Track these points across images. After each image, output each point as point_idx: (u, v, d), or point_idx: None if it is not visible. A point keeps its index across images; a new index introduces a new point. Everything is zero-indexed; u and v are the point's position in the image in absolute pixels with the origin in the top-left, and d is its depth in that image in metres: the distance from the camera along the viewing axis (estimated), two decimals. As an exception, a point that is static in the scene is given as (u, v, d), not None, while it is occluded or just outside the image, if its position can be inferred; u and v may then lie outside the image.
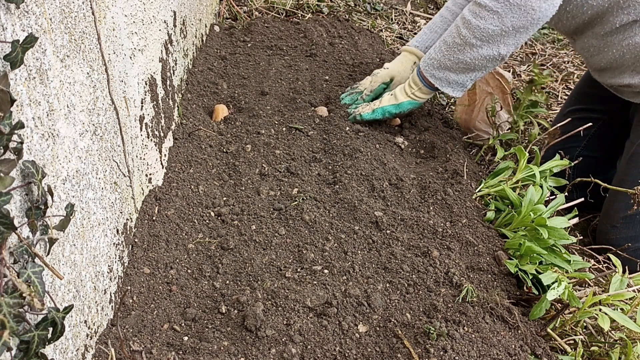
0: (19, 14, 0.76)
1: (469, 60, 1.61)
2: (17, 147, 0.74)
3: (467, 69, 1.63)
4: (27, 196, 0.80)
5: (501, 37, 1.54)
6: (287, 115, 1.91)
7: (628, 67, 1.60)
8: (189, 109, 1.84)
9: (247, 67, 2.19)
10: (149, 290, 1.27)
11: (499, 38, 1.55)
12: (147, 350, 1.12)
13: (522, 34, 1.53)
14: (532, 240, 1.40)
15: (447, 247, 1.42)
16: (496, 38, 1.55)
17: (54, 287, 0.90)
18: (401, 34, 2.76)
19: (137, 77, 1.35)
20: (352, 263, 1.37)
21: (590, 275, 1.33)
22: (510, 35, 1.54)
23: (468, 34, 1.58)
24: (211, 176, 1.64)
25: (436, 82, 1.70)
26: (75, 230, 0.99)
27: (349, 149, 1.73)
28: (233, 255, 1.39)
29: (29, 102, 0.80)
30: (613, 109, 1.78)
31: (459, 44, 1.61)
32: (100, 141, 1.10)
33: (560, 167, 1.64)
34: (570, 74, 2.68)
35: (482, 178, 1.72)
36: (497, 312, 1.26)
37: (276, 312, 1.22)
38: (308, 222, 1.47)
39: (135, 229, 1.37)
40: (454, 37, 1.62)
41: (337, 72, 2.22)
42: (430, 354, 1.14)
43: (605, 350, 1.26)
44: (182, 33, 1.86)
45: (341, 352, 1.16)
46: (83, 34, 1.00)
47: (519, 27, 1.52)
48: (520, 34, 1.53)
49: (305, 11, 2.71)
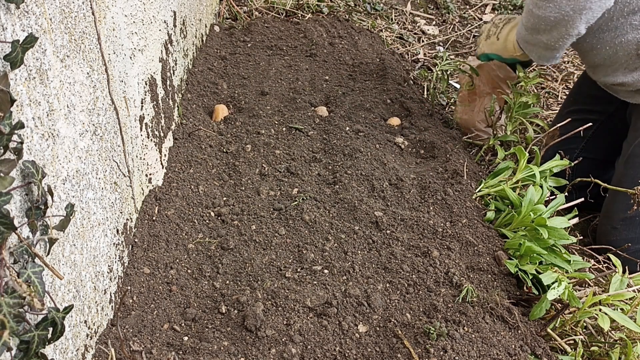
0: (19, 14, 0.76)
1: (545, 41, 1.63)
2: (17, 147, 0.74)
3: (548, 47, 1.65)
4: (27, 196, 0.80)
5: (566, 20, 1.55)
6: (287, 115, 1.91)
7: (621, 64, 1.59)
8: (189, 109, 1.84)
9: (247, 67, 2.19)
10: (149, 290, 1.27)
11: (564, 22, 1.55)
12: (147, 350, 1.12)
13: (588, 11, 1.52)
14: (532, 240, 1.40)
15: (447, 247, 1.42)
16: (562, 22, 1.55)
17: (54, 287, 0.90)
18: (401, 34, 2.76)
19: (137, 77, 1.35)
20: (352, 263, 1.37)
21: (590, 275, 1.33)
22: (575, 17, 1.53)
23: (536, 22, 1.61)
24: (211, 176, 1.64)
25: (530, 54, 1.73)
26: (75, 230, 0.98)
27: (349, 149, 1.73)
28: (233, 255, 1.39)
29: (29, 102, 0.80)
30: (610, 110, 1.78)
31: (532, 29, 1.64)
32: (100, 141, 1.10)
33: (560, 167, 1.64)
34: (570, 74, 2.68)
35: (482, 178, 1.72)
36: (497, 312, 1.26)
37: (276, 312, 1.22)
38: (308, 222, 1.47)
39: (135, 229, 1.37)
40: (527, 20, 1.65)
41: (337, 72, 2.22)
42: (430, 354, 1.14)
43: (605, 350, 1.26)
44: (182, 33, 1.86)
45: (341, 352, 1.16)
46: (83, 34, 1.00)
47: (579, 8, 1.51)
48: (585, 11, 1.52)
49: (305, 11, 2.71)
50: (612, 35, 1.56)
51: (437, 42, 2.79)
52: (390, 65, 2.24)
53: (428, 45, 2.76)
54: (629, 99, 1.67)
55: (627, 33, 1.53)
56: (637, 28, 1.52)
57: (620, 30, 1.55)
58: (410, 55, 2.63)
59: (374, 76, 2.20)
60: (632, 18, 1.52)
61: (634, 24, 1.52)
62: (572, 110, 1.93)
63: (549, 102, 2.48)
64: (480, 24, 2.97)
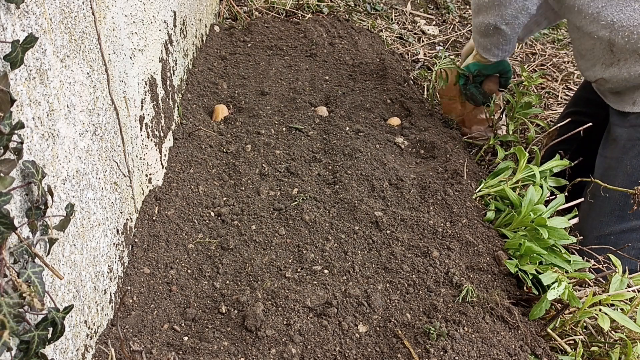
0: (19, 14, 0.76)
1: (476, 25, 1.75)
2: (17, 147, 0.74)
3: (479, 33, 1.77)
4: (27, 196, 0.80)
5: (484, 7, 1.67)
6: (287, 115, 1.91)
7: (598, 59, 1.59)
8: (189, 109, 1.84)
9: (247, 67, 2.19)
10: (149, 290, 1.27)
11: (482, 9, 1.68)
12: (147, 350, 1.12)
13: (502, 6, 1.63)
14: (532, 240, 1.40)
15: (447, 247, 1.42)
16: (481, 9, 1.68)
17: (54, 287, 0.90)
18: (401, 34, 2.76)
19: (137, 77, 1.35)
20: (352, 263, 1.37)
21: (590, 275, 1.33)
22: (490, 6, 1.66)
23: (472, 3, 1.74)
24: (211, 176, 1.64)
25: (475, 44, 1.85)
26: (75, 230, 0.99)
27: (349, 149, 1.73)
28: (233, 255, 1.39)
29: (29, 102, 0.80)
30: (601, 114, 1.77)
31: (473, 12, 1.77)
32: (100, 141, 1.10)
33: (560, 167, 1.64)
34: (570, 74, 2.68)
35: (482, 178, 1.72)
36: (497, 312, 1.26)
37: (276, 312, 1.22)
38: (308, 222, 1.47)
39: (135, 229, 1.37)
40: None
41: (337, 72, 2.22)
42: (430, 354, 1.14)
43: (605, 350, 1.26)
44: (182, 33, 1.86)
45: (341, 352, 1.16)
46: (83, 34, 1.00)
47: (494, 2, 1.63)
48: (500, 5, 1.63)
49: (305, 11, 2.71)
50: (587, 31, 1.57)
51: (437, 42, 2.79)
52: (390, 65, 2.24)
53: (428, 45, 2.76)
54: (612, 104, 1.66)
55: (599, 30, 1.53)
56: (605, 27, 1.51)
57: (592, 27, 1.55)
58: (410, 55, 2.63)
59: (374, 76, 2.20)
60: (599, 17, 1.52)
61: (601, 23, 1.52)
62: (570, 111, 1.94)
63: (549, 102, 2.48)
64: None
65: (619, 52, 1.53)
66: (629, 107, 1.58)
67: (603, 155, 1.67)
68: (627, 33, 1.48)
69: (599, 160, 1.68)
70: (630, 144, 1.58)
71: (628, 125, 1.59)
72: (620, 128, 1.61)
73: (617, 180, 1.57)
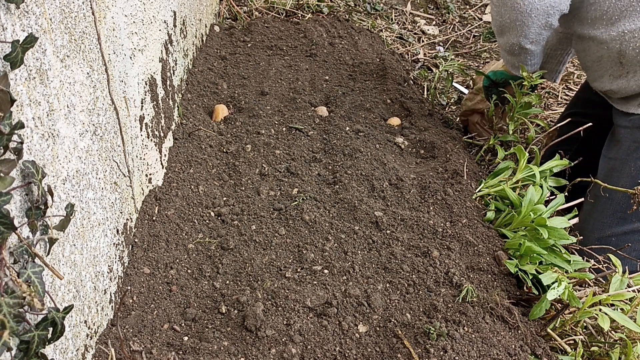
0: (19, 14, 0.76)
1: (502, 45, 1.73)
2: (17, 147, 0.74)
3: (505, 51, 1.75)
4: (27, 196, 0.80)
5: (506, 29, 1.64)
6: (287, 115, 1.91)
7: (606, 70, 1.59)
8: (189, 109, 1.84)
9: (247, 67, 2.19)
10: (149, 290, 1.27)
11: (505, 30, 1.64)
12: (147, 350, 1.12)
13: (524, 26, 1.60)
14: (532, 240, 1.40)
15: (447, 247, 1.42)
16: (504, 30, 1.65)
17: (54, 287, 0.90)
18: (401, 34, 2.76)
19: (137, 77, 1.35)
20: (352, 263, 1.37)
21: (590, 275, 1.33)
22: (512, 27, 1.62)
23: (492, 25, 1.72)
24: (211, 176, 1.64)
25: (504, 60, 1.84)
26: (75, 230, 0.98)
27: (349, 149, 1.73)
28: (233, 255, 1.39)
29: (29, 102, 0.80)
30: (603, 115, 1.77)
31: (495, 33, 1.75)
32: (100, 141, 1.10)
33: (560, 167, 1.64)
34: (571, 74, 2.68)
35: (482, 178, 1.72)
36: (497, 312, 1.26)
37: (276, 312, 1.22)
38: (308, 222, 1.47)
39: (135, 229, 1.37)
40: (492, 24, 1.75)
41: (337, 72, 2.22)
42: (430, 354, 1.14)
43: (605, 350, 1.26)
44: (182, 33, 1.86)
45: (341, 352, 1.16)
46: (83, 34, 1.00)
47: (515, 20, 1.59)
48: (522, 26, 1.60)
49: (305, 11, 2.71)
50: (597, 41, 1.56)
51: (437, 42, 2.79)
52: (390, 65, 2.24)
53: (428, 45, 2.76)
54: (617, 105, 1.65)
55: (609, 42, 1.53)
56: (615, 39, 1.51)
57: (601, 38, 1.55)
58: (410, 55, 2.63)
59: (374, 76, 2.20)
60: (611, 29, 1.51)
61: (612, 34, 1.52)
62: (571, 112, 1.93)
63: (549, 102, 2.48)
64: (480, 24, 2.97)
65: (629, 64, 1.52)
66: (634, 109, 1.58)
67: (607, 156, 1.67)
68: (638, 44, 1.48)
69: (603, 162, 1.68)
70: (634, 146, 1.57)
71: (632, 127, 1.59)
72: (624, 129, 1.61)
73: (621, 182, 1.56)
